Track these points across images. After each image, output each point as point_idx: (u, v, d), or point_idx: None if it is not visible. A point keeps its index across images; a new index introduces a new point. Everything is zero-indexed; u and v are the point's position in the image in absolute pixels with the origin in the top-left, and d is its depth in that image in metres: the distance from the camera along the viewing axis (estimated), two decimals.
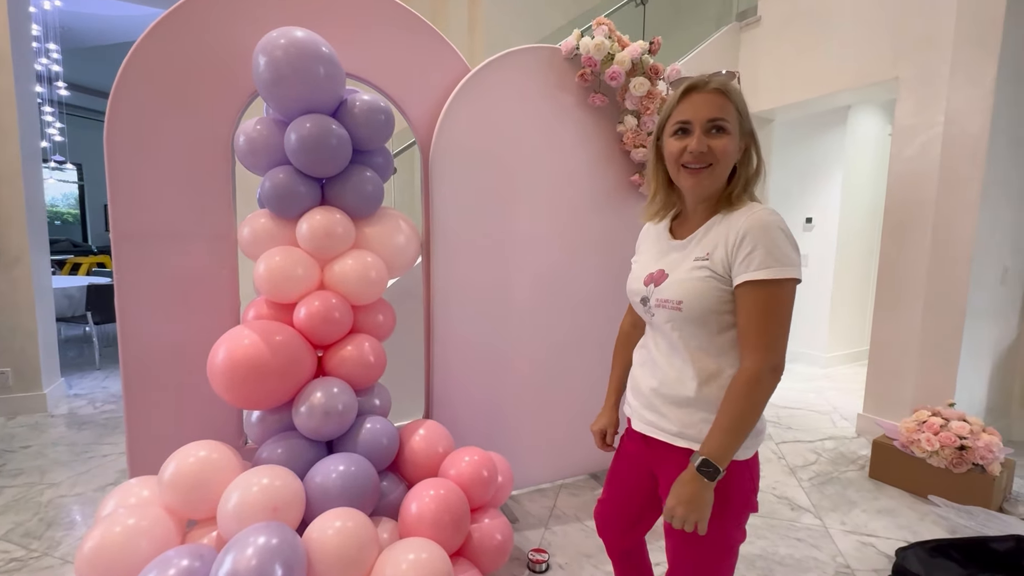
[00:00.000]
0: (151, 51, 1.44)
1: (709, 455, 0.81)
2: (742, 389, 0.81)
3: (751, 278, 0.80)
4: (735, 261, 0.82)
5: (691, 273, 0.87)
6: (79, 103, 7.81)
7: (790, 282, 0.81)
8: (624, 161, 2.06)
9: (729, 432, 0.81)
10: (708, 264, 0.85)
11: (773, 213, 0.83)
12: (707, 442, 0.82)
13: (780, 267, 0.79)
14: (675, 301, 0.87)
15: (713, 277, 0.84)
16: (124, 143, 1.44)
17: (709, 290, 0.84)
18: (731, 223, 0.85)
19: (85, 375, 3.67)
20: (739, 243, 0.82)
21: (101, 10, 4.34)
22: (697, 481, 0.81)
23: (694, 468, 0.81)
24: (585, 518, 1.97)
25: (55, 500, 2.01)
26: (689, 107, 0.87)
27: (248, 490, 1.13)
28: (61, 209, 9.73)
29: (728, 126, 0.85)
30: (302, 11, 1.55)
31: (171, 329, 1.52)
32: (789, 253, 0.81)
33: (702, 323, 0.86)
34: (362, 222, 1.56)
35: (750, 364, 0.81)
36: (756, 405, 0.81)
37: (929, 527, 1.97)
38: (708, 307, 0.85)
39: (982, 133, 2.32)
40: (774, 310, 0.80)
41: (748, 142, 0.89)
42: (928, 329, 2.53)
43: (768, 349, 0.80)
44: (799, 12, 3.10)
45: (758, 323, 0.81)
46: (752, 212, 0.83)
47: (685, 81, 0.89)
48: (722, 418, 0.82)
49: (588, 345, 2.10)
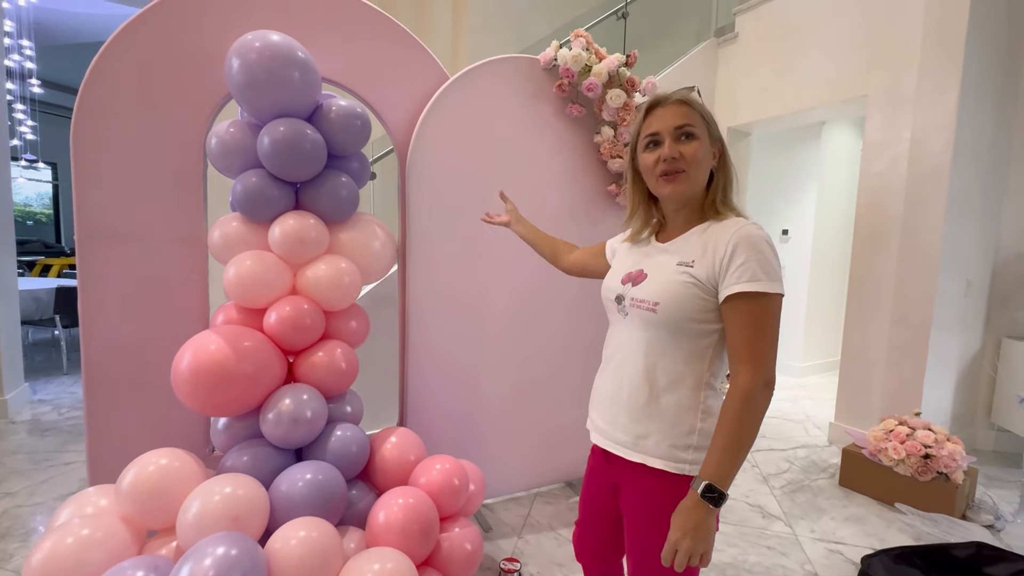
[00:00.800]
0: (123, 49, 1.42)
1: (711, 479, 0.78)
2: (737, 406, 0.79)
3: (743, 289, 0.80)
4: (725, 272, 0.82)
5: (672, 276, 0.86)
6: (55, 101, 7.63)
7: (778, 297, 0.81)
8: (601, 171, 2.09)
9: (728, 452, 0.79)
10: (691, 271, 0.85)
11: (760, 228, 0.84)
12: (707, 465, 0.80)
13: (771, 281, 0.80)
14: (651, 302, 0.86)
15: (694, 284, 0.84)
16: (92, 141, 1.41)
17: (688, 296, 0.84)
18: (719, 234, 0.85)
19: (51, 380, 3.56)
20: (730, 255, 0.81)
21: (77, 8, 4.26)
22: (701, 508, 0.78)
23: (697, 495, 0.78)
24: (559, 527, 1.96)
25: (10, 510, 1.94)
26: (655, 120, 0.89)
27: (209, 499, 1.11)
28: (35, 209, 9.47)
29: (696, 131, 0.86)
30: (278, 15, 1.55)
31: (137, 332, 1.48)
32: (776, 268, 0.82)
33: (675, 328, 0.85)
34: (336, 227, 1.55)
35: (743, 380, 0.80)
36: (752, 422, 0.79)
37: (895, 534, 2.01)
38: (684, 313, 0.84)
39: (946, 150, 2.40)
40: (764, 324, 0.81)
41: (719, 147, 0.91)
42: (896, 340, 2.60)
43: (760, 364, 0.80)
44: (774, 30, 3.18)
45: (749, 337, 0.81)
46: (742, 225, 0.84)
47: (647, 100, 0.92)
48: (719, 438, 0.80)
49: (563, 353, 2.11)
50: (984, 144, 2.56)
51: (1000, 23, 2.53)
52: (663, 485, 0.87)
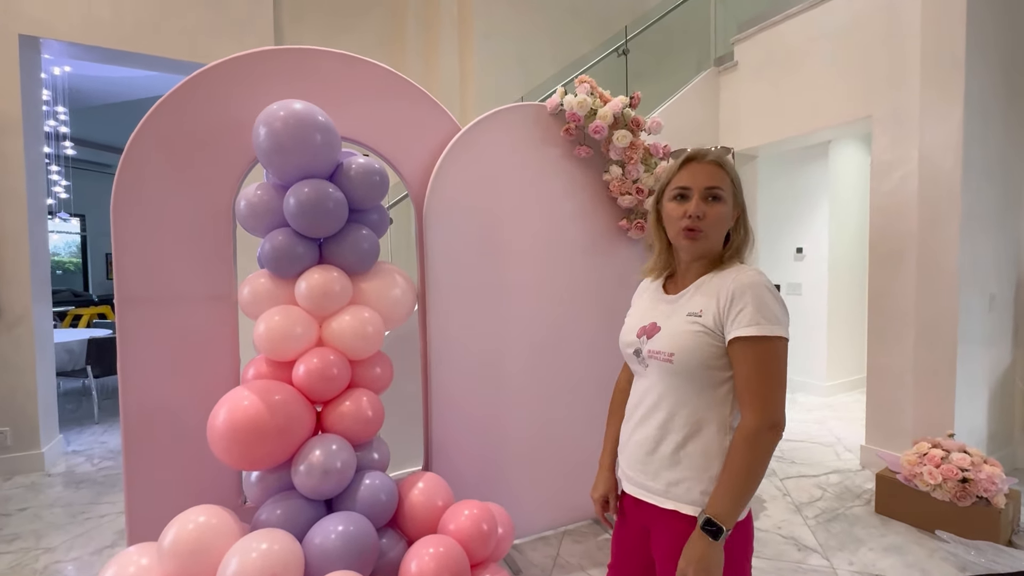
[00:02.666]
0: (161, 121, 1.52)
1: (713, 514, 0.83)
2: (742, 446, 0.83)
3: (743, 334, 0.84)
4: (727, 319, 0.86)
5: (683, 327, 0.90)
6: (83, 156, 8.02)
7: (779, 340, 0.84)
8: (611, 207, 2.14)
9: (731, 489, 0.83)
10: (700, 319, 0.89)
11: (760, 274, 0.88)
12: (711, 501, 0.84)
13: (768, 324, 0.83)
14: (667, 353, 0.90)
15: (705, 332, 0.88)
16: (131, 209, 1.50)
17: (701, 345, 0.88)
18: (721, 282, 0.89)
19: (84, 430, 3.64)
20: (730, 301, 0.86)
21: (106, 72, 4.54)
22: (703, 540, 0.82)
23: (699, 527, 0.83)
24: (589, 566, 1.94)
25: (51, 566, 1.98)
26: (688, 175, 0.94)
27: (247, 556, 1.14)
28: (63, 258, 9.84)
29: (723, 194, 0.92)
30: (299, 82, 1.65)
31: (172, 389, 1.54)
32: (776, 312, 0.85)
33: (692, 376, 0.89)
34: (358, 278, 1.61)
35: (748, 422, 0.84)
36: (758, 461, 0.83)
37: (939, 564, 1.94)
38: (700, 361, 0.88)
39: (955, 168, 2.41)
40: (766, 366, 0.84)
41: (740, 212, 0.95)
42: (922, 358, 2.55)
43: (764, 406, 0.83)
44: (773, 56, 3.26)
45: (752, 380, 0.84)
46: (740, 272, 0.88)
47: (685, 152, 0.97)
48: (725, 475, 0.84)
49: (585, 389, 2.12)
50: (993, 159, 2.55)
51: (1000, 38, 2.56)
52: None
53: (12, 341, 2.81)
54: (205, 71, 1.56)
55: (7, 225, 2.79)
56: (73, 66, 4.37)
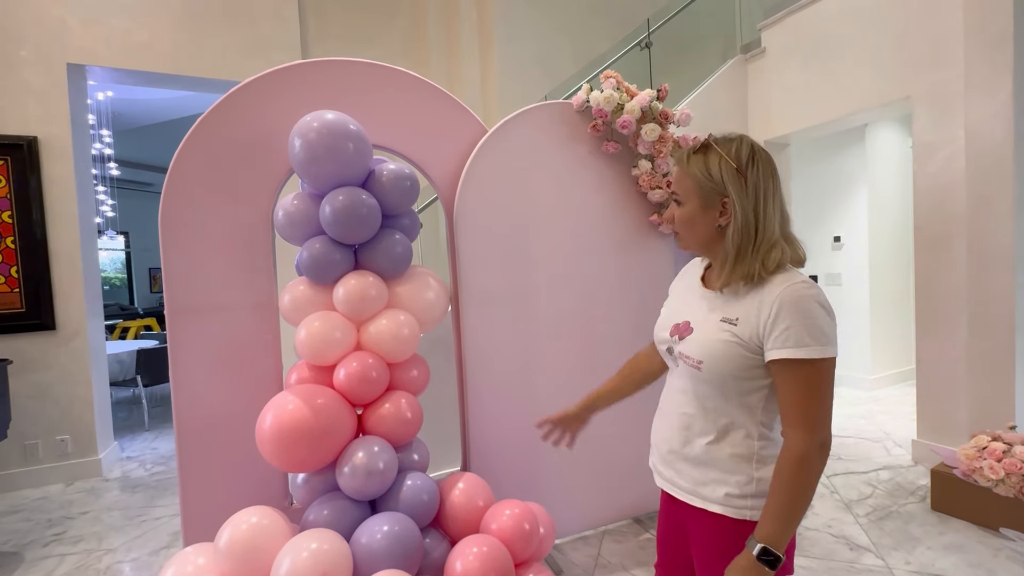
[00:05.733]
0: (202, 138, 1.58)
1: (766, 541, 0.78)
2: (791, 469, 0.79)
3: (788, 356, 0.78)
4: (769, 335, 0.80)
5: (716, 334, 0.86)
6: (125, 176, 8.41)
7: (829, 360, 0.79)
8: (642, 202, 2.11)
9: (783, 514, 0.79)
10: (734, 329, 0.84)
11: (812, 286, 0.81)
12: (762, 527, 0.80)
13: (819, 346, 0.77)
14: (696, 360, 0.87)
15: (739, 343, 0.83)
16: (178, 224, 1.57)
17: (732, 356, 0.83)
18: (765, 293, 0.82)
19: (136, 437, 3.82)
20: (774, 317, 0.79)
21: (146, 95, 4.76)
22: (756, 571, 0.78)
23: (752, 556, 0.79)
24: (631, 566, 1.91)
25: (113, 566, 2.08)
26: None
27: (298, 556, 1.17)
28: (109, 274, 10.34)
29: (680, 198, 0.91)
30: (330, 93, 1.69)
31: (220, 395, 1.60)
32: (827, 330, 0.79)
33: (721, 384, 0.86)
34: (393, 282, 1.63)
35: (796, 443, 0.79)
36: (807, 484, 0.79)
37: (1004, 563, 1.84)
38: (729, 371, 0.84)
39: (1006, 145, 2.28)
40: (815, 388, 0.79)
41: (726, 200, 0.85)
42: (977, 347, 2.43)
43: (813, 427, 0.79)
44: (803, 40, 3.16)
45: (799, 401, 0.79)
46: (789, 284, 0.81)
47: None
48: (774, 500, 0.80)
49: None
50: None
51: None
52: (726, 527, 0.87)
53: (69, 354, 2.97)
54: (241, 88, 1.61)
55: (62, 245, 2.95)
56: (115, 90, 4.60)
